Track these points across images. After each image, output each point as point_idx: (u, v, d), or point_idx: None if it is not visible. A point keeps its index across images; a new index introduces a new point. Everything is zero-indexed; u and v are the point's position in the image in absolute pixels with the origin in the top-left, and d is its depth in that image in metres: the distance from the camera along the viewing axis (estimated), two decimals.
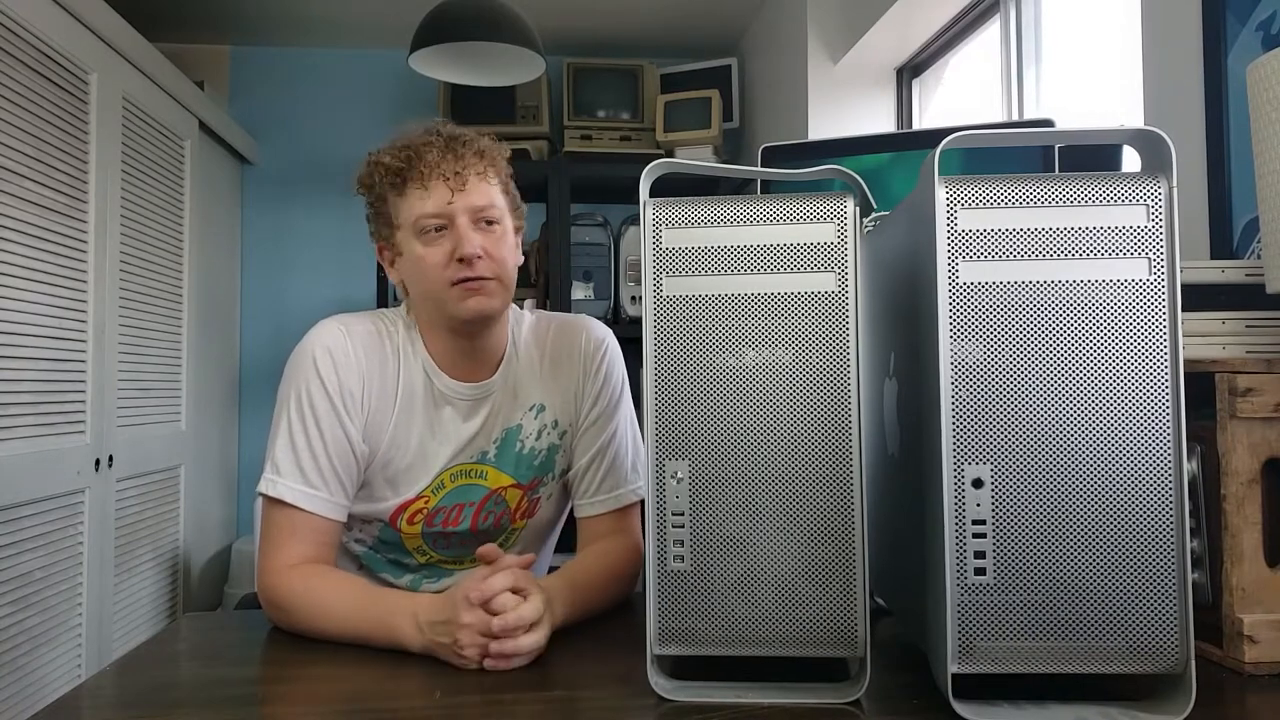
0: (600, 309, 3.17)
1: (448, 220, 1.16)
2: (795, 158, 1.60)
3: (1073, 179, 0.76)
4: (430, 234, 1.16)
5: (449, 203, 1.15)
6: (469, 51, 2.34)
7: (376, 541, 1.27)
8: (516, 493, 1.28)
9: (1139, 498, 0.73)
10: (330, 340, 1.19)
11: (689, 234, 0.82)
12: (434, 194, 1.15)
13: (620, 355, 1.33)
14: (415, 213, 1.16)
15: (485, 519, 1.27)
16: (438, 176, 1.15)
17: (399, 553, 1.28)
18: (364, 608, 1.03)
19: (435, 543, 1.27)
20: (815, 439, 0.80)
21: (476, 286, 1.16)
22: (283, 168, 3.60)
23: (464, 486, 1.25)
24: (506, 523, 1.29)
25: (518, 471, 1.27)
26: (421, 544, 1.27)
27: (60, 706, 0.86)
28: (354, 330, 1.21)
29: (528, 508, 1.30)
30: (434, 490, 1.23)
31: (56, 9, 2.13)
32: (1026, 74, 2.23)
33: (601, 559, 1.19)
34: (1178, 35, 1.39)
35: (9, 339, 1.95)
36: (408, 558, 1.28)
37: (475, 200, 1.16)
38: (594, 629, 1.06)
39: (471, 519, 1.26)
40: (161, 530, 2.79)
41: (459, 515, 1.25)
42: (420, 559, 1.28)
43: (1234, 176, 1.29)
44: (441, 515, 1.25)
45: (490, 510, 1.27)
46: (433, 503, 1.24)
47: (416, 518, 1.24)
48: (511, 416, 1.27)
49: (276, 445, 1.16)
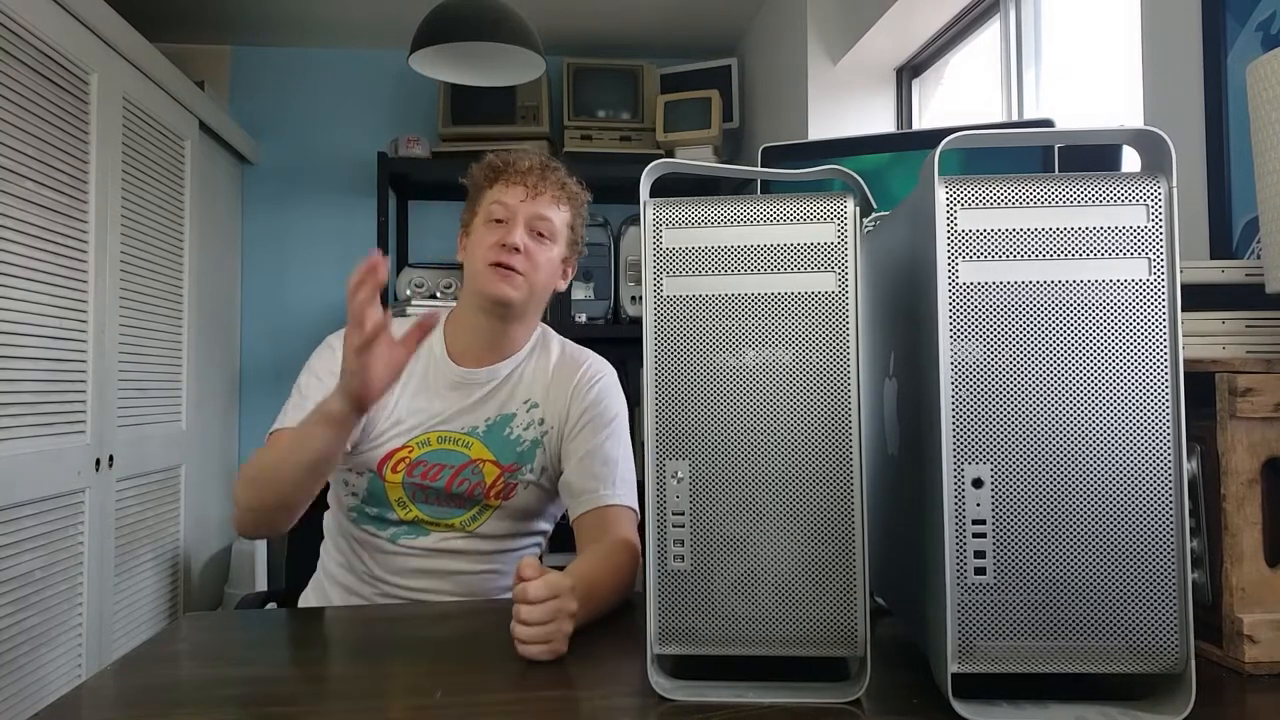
0: (600, 309, 3.17)
1: (510, 216, 1.36)
2: (795, 158, 1.60)
3: (1073, 179, 0.76)
4: (493, 222, 1.37)
5: (520, 202, 1.37)
6: (469, 51, 2.34)
7: (366, 494, 1.40)
8: (494, 469, 1.39)
9: (1139, 497, 0.73)
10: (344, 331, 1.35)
11: (689, 234, 0.82)
12: (511, 192, 1.38)
13: (619, 391, 1.45)
14: (491, 200, 1.39)
15: (460, 484, 1.38)
16: (520, 181, 1.38)
17: (383, 506, 1.40)
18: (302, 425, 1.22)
19: (415, 494, 1.39)
20: (815, 439, 0.80)
21: (506, 275, 1.35)
22: (283, 168, 3.60)
23: (447, 450, 1.39)
24: (480, 496, 1.39)
25: (501, 453, 1.39)
26: (403, 495, 1.39)
27: (60, 706, 0.86)
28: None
29: (503, 489, 1.40)
30: (419, 444, 1.38)
31: (56, 9, 2.13)
32: (1026, 74, 2.23)
33: (604, 560, 1.20)
34: (1178, 35, 1.39)
35: (9, 339, 1.95)
36: (390, 512, 1.40)
37: (539, 210, 1.37)
38: (594, 629, 1.06)
39: (448, 480, 1.38)
40: (161, 530, 2.79)
41: (438, 473, 1.38)
42: (401, 512, 1.40)
43: (1234, 176, 1.30)
44: (422, 468, 1.38)
45: (466, 477, 1.38)
46: (415, 454, 1.38)
47: (400, 466, 1.37)
48: (507, 405, 1.41)
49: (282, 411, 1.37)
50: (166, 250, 2.82)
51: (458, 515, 1.40)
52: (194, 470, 3.03)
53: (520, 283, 1.35)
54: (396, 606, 1.35)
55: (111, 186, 2.42)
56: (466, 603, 1.36)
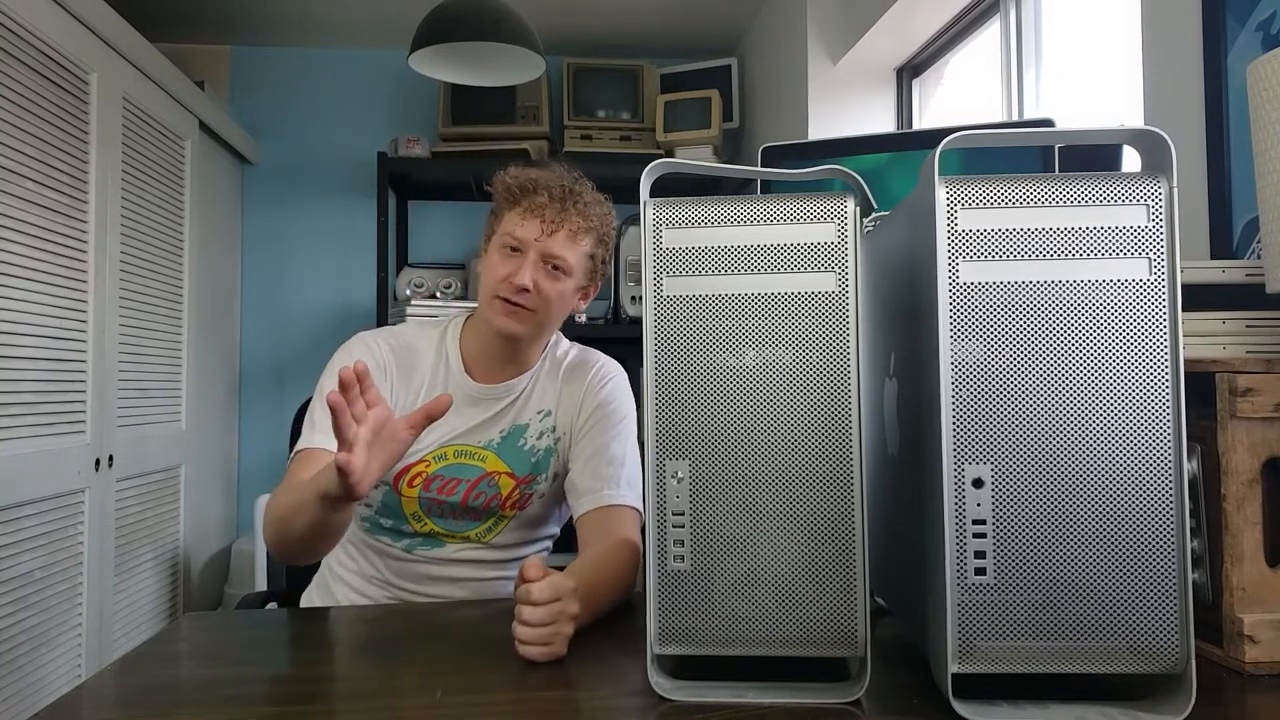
0: (600, 309, 3.17)
1: (524, 249, 1.32)
2: (795, 158, 1.60)
3: (1073, 179, 0.76)
4: (507, 251, 1.33)
5: (535, 239, 1.31)
6: (469, 51, 2.34)
7: (381, 505, 1.38)
8: (510, 481, 1.38)
9: (1139, 497, 0.73)
10: (366, 338, 1.39)
11: (689, 234, 0.82)
12: (527, 225, 1.32)
13: (628, 393, 1.44)
14: (507, 229, 1.33)
15: (477, 497, 1.37)
16: (538, 215, 1.32)
17: (398, 519, 1.38)
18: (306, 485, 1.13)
19: (430, 509, 1.37)
20: (815, 439, 0.80)
21: (514, 311, 1.32)
22: (283, 168, 3.60)
23: (463, 464, 1.37)
24: (496, 508, 1.39)
25: (516, 464, 1.38)
26: (418, 509, 1.38)
27: (60, 706, 0.86)
28: (385, 337, 1.40)
29: (519, 499, 1.39)
30: (436, 458, 1.36)
31: (56, 9, 2.13)
32: (1026, 74, 2.23)
33: (604, 561, 1.19)
34: (1178, 35, 1.39)
35: (9, 339, 1.95)
36: (405, 524, 1.38)
37: (553, 249, 1.31)
38: (594, 629, 1.06)
39: (464, 494, 1.37)
40: (161, 530, 2.79)
41: (454, 487, 1.37)
42: (416, 525, 1.38)
43: (1234, 176, 1.29)
44: (439, 482, 1.36)
45: (482, 490, 1.37)
46: (432, 469, 1.36)
47: (416, 481, 1.36)
48: (521, 416, 1.40)
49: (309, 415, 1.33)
50: (166, 250, 2.82)
51: (473, 528, 1.40)
52: (194, 470, 3.03)
53: (528, 317, 1.33)
54: (396, 606, 1.35)
55: (111, 186, 2.42)
56: (467, 602, 1.36)
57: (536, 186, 1.33)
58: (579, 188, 1.36)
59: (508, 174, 1.36)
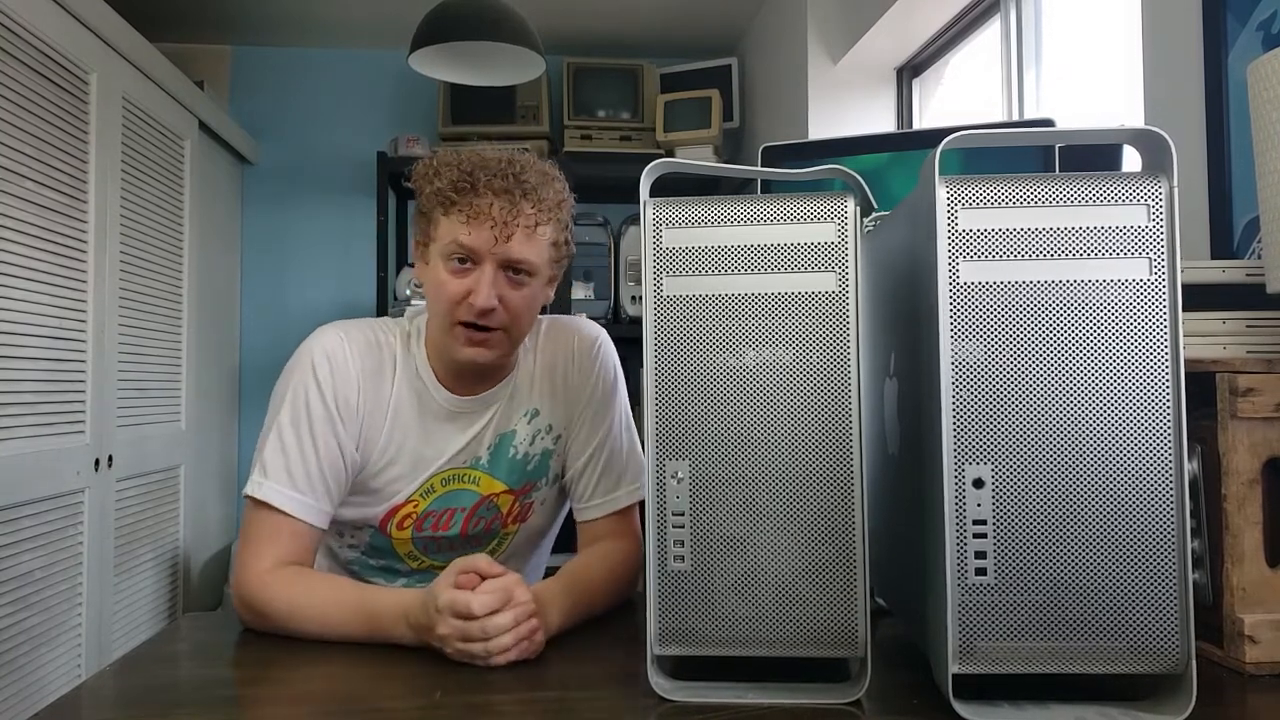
0: (600, 309, 3.17)
1: (478, 259, 1.12)
2: (795, 158, 1.59)
3: (1073, 179, 0.76)
4: (456, 264, 1.13)
5: (489, 249, 1.11)
6: (469, 51, 2.34)
7: (368, 547, 1.26)
8: (508, 498, 1.27)
9: (1140, 497, 0.73)
10: (330, 346, 1.17)
11: (689, 234, 0.82)
12: (476, 233, 1.11)
13: (613, 353, 1.31)
14: (451, 237, 1.12)
15: (476, 524, 1.26)
16: (485, 219, 1.10)
17: (390, 558, 1.26)
18: (353, 612, 1.02)
19: (426, 547, 1.26)
20: (815, 439, 0.80)
21: (480, 339, 1.14)
22: (283, 168, 3.60)
23: (455, 491, 1.24)
24: (498, 528, 1.28)
25: (510, 477, 1.26)
26: (413, 549, 1.26)
27: (60, 706, 0.86)
28: (353, 338, 1.19)
29: (520, 512, 1.29)
30: (423, 494, 1.22)
31: (56, 9, 2.13)
32: (1026, 74, 2.23)
33: (602, 560, 1.18)
34: (1178, 35, 1.39)
35: (9, 339, 1.95)
36: (399, 564, 1.27)
37: (512, 254, 1.12)
38: (594, 629, 1.06)
39: (462, 524, 1.25)
40: (161, 530, 2.79)
41: (449, 520, 1.24)
42: (412, 564, 1.27)
43: (1234, 176, 1.29)
44: (431, 519, 1.23)
45: (481, 516, 1.26)
46: (422, 506, 1.23)
47: (406, 522, 1.23)
48: (505, 423, 1.25)
49: (266, 447, 1.14)
50: (166, 250, 2.82)
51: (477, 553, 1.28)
52: (194, 470, 3.03)
53: (498, 340, 1.15)
54: None
55: (111, 186, 2.41)
56: None
57: (475, 185, 1.11)
58: (521, 169, 1.13)
59: (435, 172, 1.14)
